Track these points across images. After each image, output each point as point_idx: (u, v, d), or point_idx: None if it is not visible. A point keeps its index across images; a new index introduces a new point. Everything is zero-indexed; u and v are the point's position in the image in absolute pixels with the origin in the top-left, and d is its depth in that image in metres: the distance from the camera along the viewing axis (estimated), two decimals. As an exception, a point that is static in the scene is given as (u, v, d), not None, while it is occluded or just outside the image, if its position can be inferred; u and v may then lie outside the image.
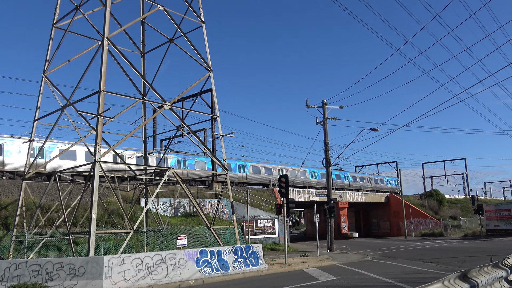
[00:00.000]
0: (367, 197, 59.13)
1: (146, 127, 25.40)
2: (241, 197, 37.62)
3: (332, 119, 33.25)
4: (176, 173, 19.54)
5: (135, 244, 24.78)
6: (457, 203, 68.88)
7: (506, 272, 7.21)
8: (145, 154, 24.84)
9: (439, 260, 21.50)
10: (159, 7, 21.19)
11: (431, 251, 28.18)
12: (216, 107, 23.83)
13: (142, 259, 16.06)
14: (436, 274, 15.40)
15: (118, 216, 25.91)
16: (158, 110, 20.52)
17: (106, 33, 17.71)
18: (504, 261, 7.40)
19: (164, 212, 31.88)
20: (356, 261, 23.49)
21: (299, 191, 48.00)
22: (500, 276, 6.89)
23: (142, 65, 24.84)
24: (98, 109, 16.79)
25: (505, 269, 7.25)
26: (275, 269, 20.13)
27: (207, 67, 22.67)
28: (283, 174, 23.79)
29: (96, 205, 15.95)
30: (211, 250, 18.56)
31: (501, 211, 44.44)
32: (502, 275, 7.01)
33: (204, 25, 23.34)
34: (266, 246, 32.67)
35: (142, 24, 25.31)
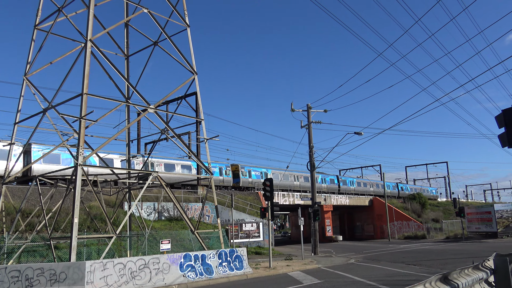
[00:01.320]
0: (351, 200, 59.54)
1: (130, 131, 25.20)
2: (225, 201, 37.52)
3: (317, 122, 33.44)
4: (160, 177, 19.40)
5: (118, 248, 24.50)
6: (439, 206, 69.87)
7: (486, 274, 7.33)
8: (129, 158, 24.61)
9: (422, 262, 21.74)
10: (144, 9, 21.07)
11: (414, 253, 28.49)
12: (200, 110, 23.77)
13: (125, 264, 15.87)
14: (418, 276, 15.57)
15: (100, 220, 25.58)
16: (142, 113, 20.37)
17: (90, 36, 17.52)
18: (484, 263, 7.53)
19: (148, 216, 31.60)
20: (340, 264, 23.61)
21: (284, 195, 48.10)
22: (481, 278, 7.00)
23: (126, 68, 24.64)
24: (81, 112, 16.59)
25: (485, 271, 7.37)
26: (259, 272, 20.11)
27: (191, 70, 22.60)
28: (268, 178, 23.80)
29: (78, 210, 15.71)
30: (195, 254, 18.44)
31: (482, 213, 45.20)
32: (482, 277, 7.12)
33: (189, 28, 23.28)
34: (251, 249, 32.61)
35: (126, 26, 25.13)
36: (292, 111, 33.02)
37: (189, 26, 23.29)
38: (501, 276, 7.66)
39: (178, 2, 23.20)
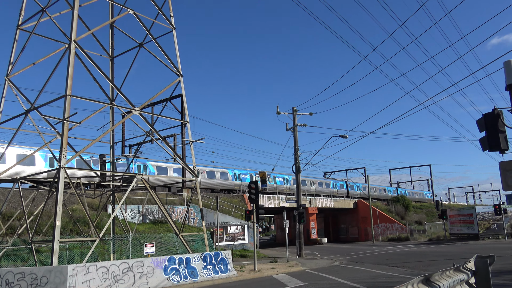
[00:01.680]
0: (336, 203, 59.90)
1: (114, 133, 24.95)
2: (211, 204, 37.40)
3: (302, 125, 33.60)
4: (144, 180, 19.26)
5: (102, 252, 24.21)
6: (423, 208, 70.74)
7: (467, 275, 7.46)
8: (113, 160, 24.37)
9: (405, 264, 21.97)
10: (129, 11, 20.94)
11: (398, 255, 28.78)
12: (186, 112, 23.69)
13: (108, 267, 15.69)
14: (401, 278, 15.74)
15: (83, 223, 25.26)
16: (127, 115, 20.20)
17: (74, 36, 17.33)
18: (465, 264, 7.66)
19: (132, 219, 31.32)
20: (324, 266, 23.73)
21: (269, 197, 48.16)
22: (462, 279, 7.12)
23: (110, 70, 24.44)
24: (64, 114, 16.39)
25: (466, 272, 7.49)
26: (244, 275, 20.08)
27: (177, 72, 22.52)
28: (253, 181, 23.82)
29: (60, 213, 15.50)
30: (180, 257, 18.34)
31: (463, 215, 45.90)
32: (463, 279, 7.24)
33: (175, 30, 23.21)
34: (236, 252, 32.55)
35: (111, 27, 24.93)
36: (278, 114, 33.13)
37: (175, 28, 23.22)
38: (481, 277, 7.81)
39: (164, 4, 23.13)
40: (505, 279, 13.93)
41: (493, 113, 6.54)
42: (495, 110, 6.53)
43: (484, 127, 6.67)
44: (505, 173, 6.67)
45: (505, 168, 6.60)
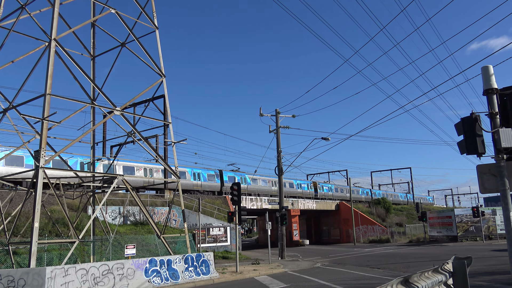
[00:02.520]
0: (318, 205, 60.23)
1: (95, 133, 24.62)
2: (193, 205, 37.21)
3: (285, 127, 33.72)
4: (125, 180, 19.05)
5: (81, 254, 23.85)
6: (403, 211, 71.66)
7: (445, 276, 7.58)
8: (93, 161, 24.04)
9: (386, 266, 22.21)
10: (111, 10, 20.71)
11: (378, 257, 29.08)
12: (168, 113, 23.54)
13: (88, 269, 15.46)
14: (382, 279, 15.90)
15: (63, 225, 24.85)
16: (108, 115, 19.96)
17: (54, 35, 17.06)
18: (444, 266, 7.79)
19: (113, 220, 30.93)
20: (306, 268, 23.82)
21: (251, 199, 48.13)
22: (440, 280, 7.24)
23: (92, 69, 24.11)
24: (43, 113, 16.10)
25: (444, 274, 7.62)
26: (226, 277, 20.02)
27: (159, 72, 22.36)
28: (236, 182, 23.78)
29: (39, 214, 15.21)
30: (161, 259, 18.18)
31: (443, 218, 46.66)
32: (442, 280, 7.36)
33: (158, 30, 23.05)
34: (218, 254, 32.43)
35: (92, 26, 24.61)
36: (261, 115, 33.18)
37: (157, 28, 23.06)
38: (459, 278, 7.95)
39: (147, 4, 22.96)
40: (482, 280, 14.19)
41: (471, 117, 6.66)
42: (472, 115, 6.66)
43: (462, 131, 6.79)
44: (482, 176, 6.81)
45: (482, 171, 6.74)
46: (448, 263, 7.85)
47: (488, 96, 6.84)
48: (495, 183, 6.72)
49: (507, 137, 6.45)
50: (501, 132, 6.51)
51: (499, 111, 6.84)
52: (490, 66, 7.00)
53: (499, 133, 6.52)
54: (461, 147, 6.93)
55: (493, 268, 17.55)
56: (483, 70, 6.92)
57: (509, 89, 6.88)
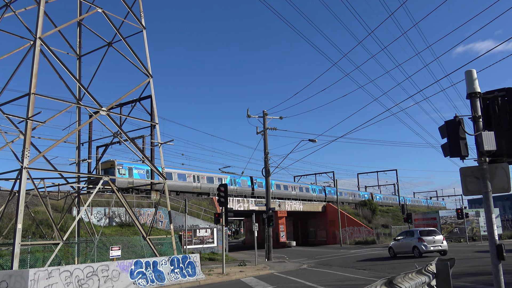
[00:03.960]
0: (305, 206, 60.41)
1: (81, 133, 24.35)
2: (180, 206, 37.03)
3: (272, 129, 33.78)
4: (111, 181, 18.88)
5: (65, 256, 23.56)
6: (389, 212, 72.28)
7: (429, 278, 7.67)
8: (79, 161, 23.78)
9: (371, 267, 22.36)
10: (98, 9, 20.53)
11: (364, 258, 29.26)
12: (155, 114, 23.41)
13: (72, 271, 15.27)
14: (367, 281, 16.00)
15: (47, 226, 24.52)
16: (94, 115, 19.77)
17: (39, 33, 16.85)
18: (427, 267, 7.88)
19: (98, 222, 30.63)
20: (293, 269, 23.86)
21: (238, 200, 48.09)
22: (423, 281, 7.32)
23: (77, 68, 23.85)
24: (28, 113, 15.88)
25: (428, 275, 7.71)
26: (212, 279, 19.96)
27: (147, 73, 22.23)
28: (223, 183, 23.73)
29: (22, 215, 14.99)
30: (147, 261, 18.05)
31: (427, 219, 47.20)
32: (425, 281, 7.45)
33: (145, 30, 22.92)
34: (205, 255, 32.33)
35: (79, 25, 24.36)
36: (248, 117, 33.19)
37: (145, 28, 22.93)
38: (442, 279, 8.05)
39: (134, 4, 22.81)
40: (466, 281, 14.38)
41: (455, 121, 6.74)
42: (456, 118, 6.74)
43: (446, 134, 6.87)
44: (465, 179, 6.90)
45: (465, 174, 6.83)
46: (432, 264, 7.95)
47: (471, 99, 6.95)
48: (478, 186, 6.82)
49: (489, 140, 6.55)
50: (483, 135, 6.61)
51: (482, 114, 6.95)
52: (474, 70, 7.11)
53: (481, 136, 6.62)
54: (445, 150, 7.02)
55: (476, 269, 17.80)
56: (467, 74, 7.02)
57: (491, 93, 7.00)
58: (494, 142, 6.62)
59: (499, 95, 6.85)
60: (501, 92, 6.85)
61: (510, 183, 6.72)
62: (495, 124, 6.79)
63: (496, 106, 6.85)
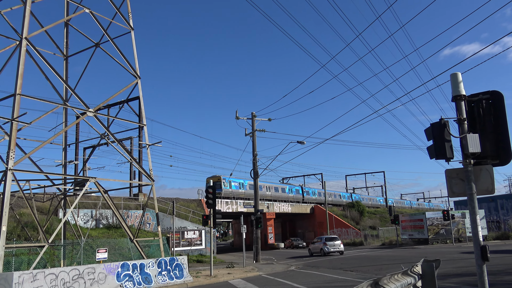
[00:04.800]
0: (294, 208, 60.54)
1: (67, 134, 24.10)
2: (167, 208, 36.84)
3: (261, 131, 33.79)
4: (98, 183, 18.71)
5: (51, 258, 23.27)
6: (376, 214, 72.76)
7: (414, 279, 7.72)
8: (65, 163, 23.52)
9: (359, 268, 22.48)
10: (85, 9, 20.37)
11: (352, 260, 29.41)
12: (143, 115, 23.27)
13: (57, 274, 15.09)
14: (354, 282, 16.08)
15: (32, 228, 24.21)
16: (81, 116, 19.60)
17: (25, 33, 16.65)
18: (413, 268, 7.94)
19: (85, 224, 30.34)
20: (281, 271, 23.88)
21: (227, 202, 48.00)
22: (409, 283, 7.36)
23: (64, 69, 23.62)
24: (13, 114, 15.68)
25: (413, 276, 7.76)
26: (200, 281, 19.88)
27: (134, 74, 22.10)
28: (211, 185, 23.67)
29: (7, 217, 14.77)
30: (134, 263, 17.91)
31: (414, 221, 47.59)
32: (411, 282, 7.49)
33: (133, 31, 22.79)
34: (192, 258, 32.20)
35: (66, 26, 24.13)
36: (237, 118, 33.17)
37: (133, 29, 22.81)
38: (427, 280, 8.11)
39: (122, 4, 22.68)
40: (451, 282, 14.53)
41: (440, 123, 6.81)
42: (441, 120, 6.81)
43: (432, 136, 6.94)
44: (450, 180, 6.97)
45: (450, 176, 6.90)
46: (418, 265, 8.02)
47: (456, 102, 7.02)
48: (463, 187, 6.88)
49: (474, 142, 6.63)
50: (468, 138, 6.68)
51: (467, 117, 7.02)
52: (459, 73, 7.19)
53: (466, 139, 6.69)
54: (431, 152, 7.08)
55: (461, 270, 17.99)
56: (452, 77, 7.10)
57: (476, 96, 7.08)
58: (479, 144, 6.70)
59: (484, 98, 6.93)
60: (486, 95, 6.94)
61: (494, 185, 6.80)
62: (479, 127, 6.87)
63: (480, 109, 6.93)
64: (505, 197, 54.89)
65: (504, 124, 6.79)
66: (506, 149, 6.70)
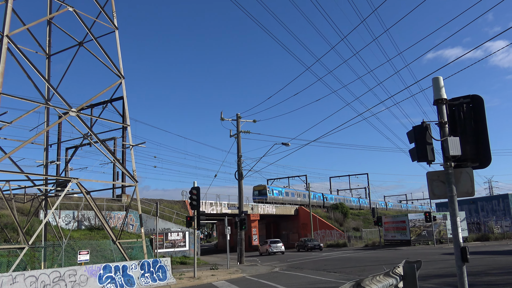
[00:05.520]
0: (278, 210, 60.61)
1: (49, 134, 23.72)
2: (151, 210, 36.55)
3: (246, 132, 33.79)
4: (80, 184, 18.46)
5: (31, 260, 22.86)
6: (360, 215, 73.32)
7: (396, 280, 7.82)
8: (46, 163, 23.15)
9: (342, 269, 22.63)
10: (69, 8, 20.10)
11: (335, 261, 29.58)
12: (127, 115, 23.05)
13: (38, 276, 14.84)
14: (337, 283, 16.17)
15: (12, 230, 23.76)
16: (63, 116, 19.30)
17: (6, 31, 16.35)
18: (395, 269, 8.03)
19: (67, 225, 29.90)
20: (264, 272, 23.89)
21: (211, 203, 47.84)
22: (391, 284, 7.45)
23: (47, 68, 23.26)
24: (-7, 113, 15.37)
25: (395, 277, 7.85)
26: (183, 283, 19.76)
27: (118, 74, 21.89)
28: (195, 187, 23.55)
29: (-15, 218, 14.48)
30: (116, 265, 17.72)
31: (397, 222, 48.14)
32: (393, 283, 7.58)
33: (117, 30, 22.58)
34: (176, 259, 31.99)
35: (49, 24, 23.78)
36: (222, 120, 33.11)
37: (117, 29, 22.59)
38: (408, 281, 8.22)
39: (106, 3, 22.45)
40: (432, 283, 14.73)
41: (422, 126, 6.90)
42: (423, 123, 6.90)
43: (414, 139, 7.03)
44: (431, 183, 7.06)
45: (431, 178, 7.00)
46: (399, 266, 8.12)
47: (438, 106, 7.12)
48: (444, 190, 6.99)
49: (454, 145, 6.73)
50: (449, 141, 6.79)
51: (448, 120, 7.13)
52: (440, 77, 7.30)
53: (447, 142, 6.79)
54: (412, 155, 7.17)
55: (442, 271, 18.25)
56: (434, 81, 7.20)
57: (457, 99, 7.20)
58: (459, 148, 6.80)
59: (464, 101, 7.05)
60: (466, 99, 7.06)
61: (474, 187, 6.92)
62: (460, 130, 6.98)
63: (461, 113, 7.05)
64: (485, 199, 55.91)
65: (484, 127, 6.92)
66: (485, 152, 6.83)
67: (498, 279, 14.67)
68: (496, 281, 14.09)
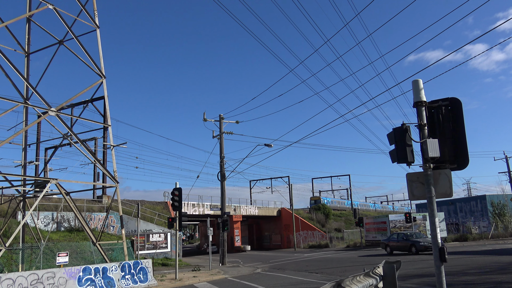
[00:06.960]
0: (260, 211, 60.67)
1: (28, 134, 23.28)
2: (132, 211, 36.18)
3: (229, 133, 33.73)
4: (59, 185, 18.16)
5: (9, 263, 22.39)
6: (342, 216, 73.89)
7: (376, 280, 7.90)
8: (25, 163, 22.70)
9: (324, 270, 22.76)
10: (49, 5, 19.78)
11: (317, 262, 29.74)
12: (108, 115, 22.78)
13: (15, 279, 14.53)
14: (319, 284, 16.26)
15: (-12, 231, 23.18)
16: (42, 116, 18.97)
17: (-17, 28, 15.99)
18: (375, 270, 8.11)
19: (45, 227, 29.36)
20: (247, 274, 23.87)
21: (193, 204, 47.61)
22: (371, 284, 7.53)
23: (25, 66, 22.82)
24: (-31, 112, 15.00)
25: (375, 277, 7.94)
26: (164, 285, 19.60)
27: (99, 73, 21.62)
28: (177, 187, 23.40)
29: (-40, 220, 14.12)
30: (96, 267, 17.47)
31: (378, 223, 48.65)
32: (373, 283, 7.66)
33: (99, 29, 22.31)
34: (158, 261, 31.71)
35: (28, 22, 23.34)
36: (205, 120, 32.98)
37: (98, 27, 22.33)
38: (388, 282, 8.32)
39: (87, 2, 22.17)
40: (412, 283, 14.92)
41: (402, 128, 7.00)
42: (403, 125, 7.00)
43: (394, 141, 7.12)
44: (411, 184, 7.17)
45: (411, 179, 7.10)
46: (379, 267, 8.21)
47: (417, 108, 7.23)
48: (423, 191, 7.09)
49: (433, 147, 6.85)
50: (428, 143, 6.90)
51: (427, 122, 7.24)
52: (420, 80, 7.41)
53: (426, 144, 6.90)
54: (393, 156, 7.26)
55: (422, 271, 18.52)
56: (414, 84, 7.31)
57: (436, 102, 7.32)
58: (438, 149, 6.92)
59: (443, 104, 7.18)
60: (445, 101, 7.18)
61: (452, 188, 7.05)
62: (439, 132, 7.10)
63: (440, 115, 7.17)
64: (464, 200, 56.97)
65: (462, 130, 7.05)
66: (463, 154, 6.96)
67: (475, 278, 14.96)
68: (473, 281, 14.37)
